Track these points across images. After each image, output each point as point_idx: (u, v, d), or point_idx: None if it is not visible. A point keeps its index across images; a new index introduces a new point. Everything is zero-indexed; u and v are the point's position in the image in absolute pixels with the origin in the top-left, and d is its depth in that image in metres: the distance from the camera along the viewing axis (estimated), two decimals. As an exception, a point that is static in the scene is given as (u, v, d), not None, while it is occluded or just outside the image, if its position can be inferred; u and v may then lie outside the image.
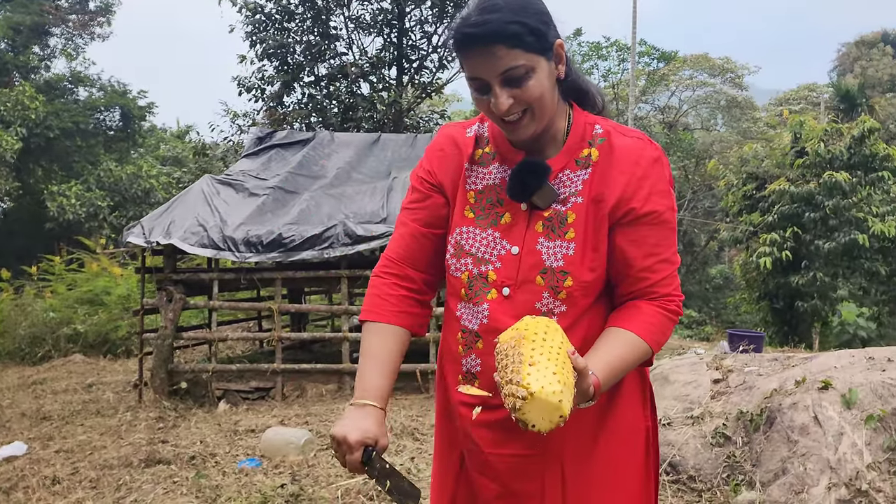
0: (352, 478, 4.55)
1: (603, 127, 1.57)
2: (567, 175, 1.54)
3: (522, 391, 1.23)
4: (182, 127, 30.72)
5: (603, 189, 1.50)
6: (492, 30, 1.37)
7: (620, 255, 1.51)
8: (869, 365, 4.07)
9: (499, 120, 1.48)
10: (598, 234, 1.50)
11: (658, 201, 1.50)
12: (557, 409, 1.24)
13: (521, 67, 1.40)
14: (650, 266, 1.51)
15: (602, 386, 1.38)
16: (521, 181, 1.52)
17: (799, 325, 13.67)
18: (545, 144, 1.56)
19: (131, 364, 10.19)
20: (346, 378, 7.61)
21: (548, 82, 1.45)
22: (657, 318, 1.51)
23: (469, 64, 1.44)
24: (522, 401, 1.23)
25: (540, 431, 1.26)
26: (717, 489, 3.84)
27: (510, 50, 1.38)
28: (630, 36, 19.61)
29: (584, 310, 1.53)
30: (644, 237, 1.50)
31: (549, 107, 1.48)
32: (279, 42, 14.87)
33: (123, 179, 20.80)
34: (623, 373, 1.47)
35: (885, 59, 36.15)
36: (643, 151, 1.51)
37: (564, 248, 1.50)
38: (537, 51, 1.42)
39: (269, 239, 7.33)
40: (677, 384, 4.84)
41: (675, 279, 1.55)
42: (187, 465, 5.05)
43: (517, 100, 1.42)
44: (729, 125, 29.70)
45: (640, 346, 1.47)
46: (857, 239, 12.29)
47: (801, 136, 13.99)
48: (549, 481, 1.55)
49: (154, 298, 7.92)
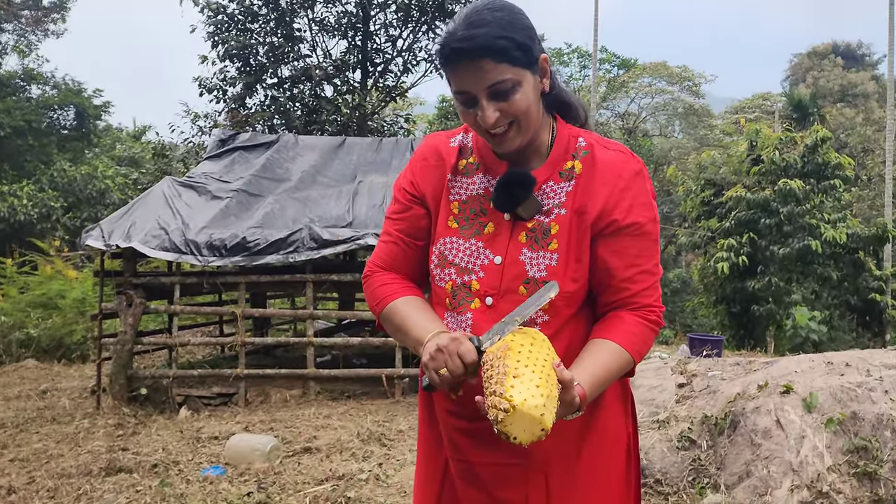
0: (319, 484, 4.53)
1: (586, 140, 1.59)
2: (550, 187, 1.56)
3: (505, 403, 1.24)
4: (139, 127, 30.16)
5: (586, 201, 1.53)
6: (480, 44, 1.39)
7: (602, 266, 1.54)
8: (828, 369, 4.18)
9: (485, 132, 1.50)
10: (581, 245, 1.53)
11: (640, 213, 1.53)
12: (539, 422, 1.24)
13: (508, 81, 1.42)
14: (631, 276, 1.53)
15: (588, 397, 1.40)
16: (507, 192, 1.53)
17: (754, 329, 13.98)
18: (529, 156, 1.58)
19: (87, 370, 9.97)
20: (310, 383, 7.54)
21: (533, 96, 1.48)
22: (639, 328, 1.53)
23: (456, 78, 1.45)
24: (504, 413, 1.24)
25: (521, 444, 1.27)
26: (683, 492, 3.91)
27: (497, 64, 1.40)
28: (591, 43, 19.84)
29: (566, 319, 1.55)
30: (626, 248, 1.53)
31: (534, 120, 1.50)
32: (242, 43, 14.68)
33: (78, 180, 20.30)
34: (607, 383, 1.49)
35: (836, 71, 37.20)
36: (625, 164, 1.55)
37: (547, 259, 1.52)
38: (524, 65, 1.44)
39: (233, 243, 7.24)
40: (643, 389, 4.91)
41: (657, 290, 1.58)
42: (150, 474, 4.95)
43: (504, 113, 1.44)
44: (686, 132, 30.28)
45: (624, 357, 1.50)
46: (810, 245, 12.63)
47: (757, 144, 14.35)
48: (533, 490, 1.56)
49: (112, 302, 7.75)
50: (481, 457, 1.57)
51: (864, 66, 40.42)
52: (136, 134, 29.66)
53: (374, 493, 4.25)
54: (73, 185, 20.25)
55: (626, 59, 28.18)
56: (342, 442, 5.55)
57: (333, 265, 10.12)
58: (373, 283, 1.68)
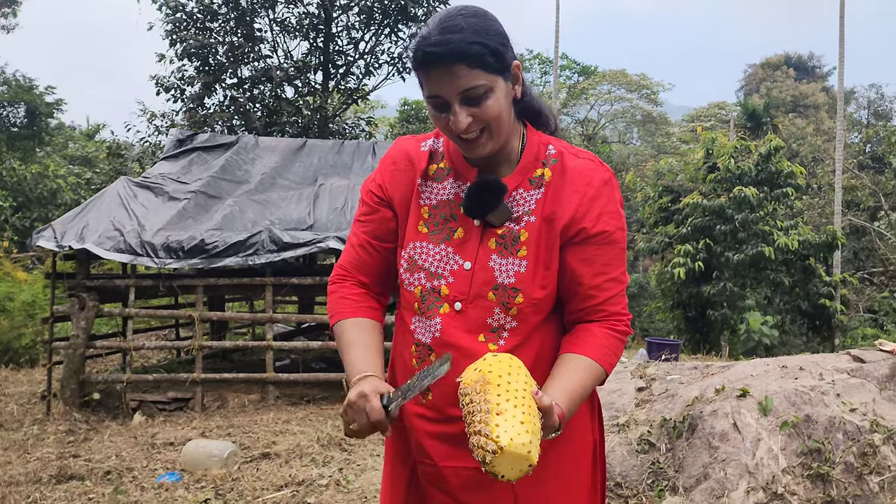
0: (278, 490, 4.46)
1: (556, 147, 1.60)
2: (521, 194, 1.57)
3: (492, 445, 1.24)
4: (93, 125, 29.49)
5: (555, 208, 1.54)
6: (453, 50, 1.39)
7: (571, 274, 1.54)
8: (783, 373, 4.27)
9: (456, 138, 1.50)
10: (550, 252, 1.53)
11: (608, 221, 1.54)
12: (527, 459, 1.25)
13: (480, 87, 1.42)
14: (599, 284, 1.54)
15: (566, 416, 1.41)
16: (478, 199, 1.54)
17: (710, 333, 14.24)
18: (500, 162, 1.58)
19: (36, 374, 9.69)
20: (269, 388, 7.44)
21: (505, 102, 1.48)
22: (609, 340, 1.54)
23: (429, 82, 1.45)
24: (493, 455, 1.24)
25: (510, 480, 1.28)
26: (643, 495, 3.95)
27: (471, 70, 1.40)
28: (552, 49, 20.05)
29: (535, 326, 1.56)
30: (594, 256, 1.54)
31: (505, 126, 1.50)
32: (200, 42, 14.46)
33: (28, 179, 19.74)
34: (583, 400, 1.50)
35: (788, 82, 38.24)
36: (594, 173, 1.56)
37: (516, 266, 1.52)
38: (496, 71, 1.44)
39: (191, 245, 7.11)
40: (603, 392, 4.96)
41: (623, 298, 1.59)
42: (102, 481, 4.83)
43: (476, 118, 1.44)
44: (644, 139, 30.80)
45: (597, 371, 1.51)
46: (763, 251, 12.92)
47: (713, 151, 14.65)
48: (499, 495, 1.56)
49: (64, 305, 7.55)
50: (449, 461, 1.57)
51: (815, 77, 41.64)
52: (89, 133, 29.01)
53: (335, 499, 4.21)
54: (22, 185, 19.68)
55: (586, 66, 28.55)
56: (302, 447, 5.48)
57: (293, 268, 10.02)
58: (334, 293, 1.69)
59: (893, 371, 3.98)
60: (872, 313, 18.13)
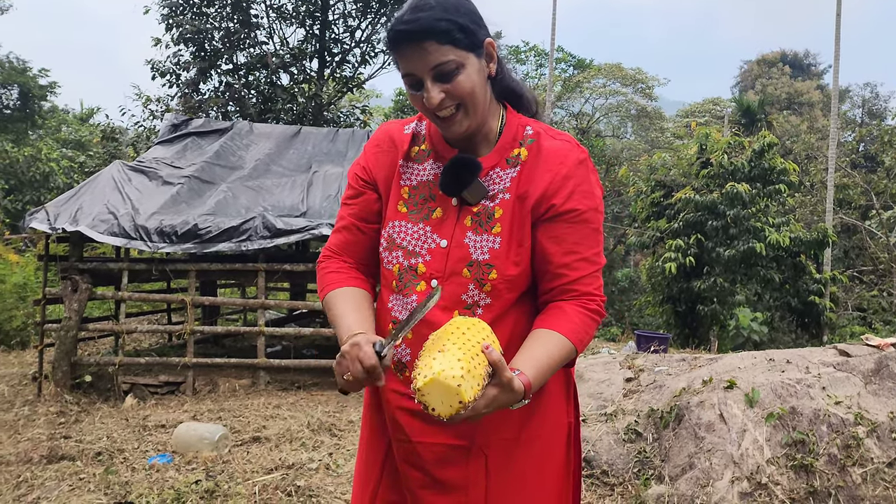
0: (268, 473, 4.50)
1: (534, 128, 1.64)
2: (497, 173, 1.60)
3: (426, 372, 1.27)
4: (87, 109, 29.31)
5: (528, 186, 1.57)
6: (422, 26, 1.43)
7: (541, 251, 1.57)
8: (770, 366, 4.33)
9: (433, 116, 1.53)
10: (523, 229, 1.56)
11: (580, 200, 1.56)
12: (456, 393, 1.26)
13: (451, 63, 1.46)
14: (569, 263, 1.56)
15: (533, 386, 1.42)
16: (453, 176, 1.57)
17: (699, 328, 14.31)
18: (478, 143, 1.62)
19: (27, 356, 9.69)
20: (260, 373, 7.47)
21: (478, 78, 1.51)
22: (580, 318, 1.55)
23: (402, 60, 1.49)
24: (423, 381, 1.27)
25: (441, 417, 1.29)
26: (629, 483, 4.01)
27: (440, 46, 1.44)
28: (548, 42, 20.05)
29: (509, 304, 1.58)
30: (564, 234, 1.56)
31: (480, 103, 1.53)
32: (197, 27, 14.39)
33: (20, 162, 19.62)
34: (551, 372, 1.51)
35: (784, 79, 38.32)
36: (569, 153, 1.59)
37: (490, 242, 1.56)
38: (467, 47, 1.48)
39: (184, 229, 7.11)
40: (591, 382, 5.01)
41: (597, 279, 1.60)
42: (93, 462, 4.85)
43: (448, 94, 1.48)
44: (638, 134, 30.79)
45: (566, 346, 1.52)
46: (754, 247, 12.96)
47: (707, 147, 14.68)
48: (473, 471, 1.59)
49: (57, 288, 7.55)
50: (423, 437, 1.60)
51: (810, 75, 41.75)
52: (83, 116, 28.84)
53: (324, 482, 4.25)
54: (14, 167, 19.57)
55: (581, 60, 28.49)
56: (292, 432, 5.52)
57: (286, 255, 10.03)
58: (323, 269, 1.72)
59: (879, 365, 4.03)
60: (861, 311, 18.25)
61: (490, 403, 1.33)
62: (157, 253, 8.04)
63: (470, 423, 1.46)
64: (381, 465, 1.72)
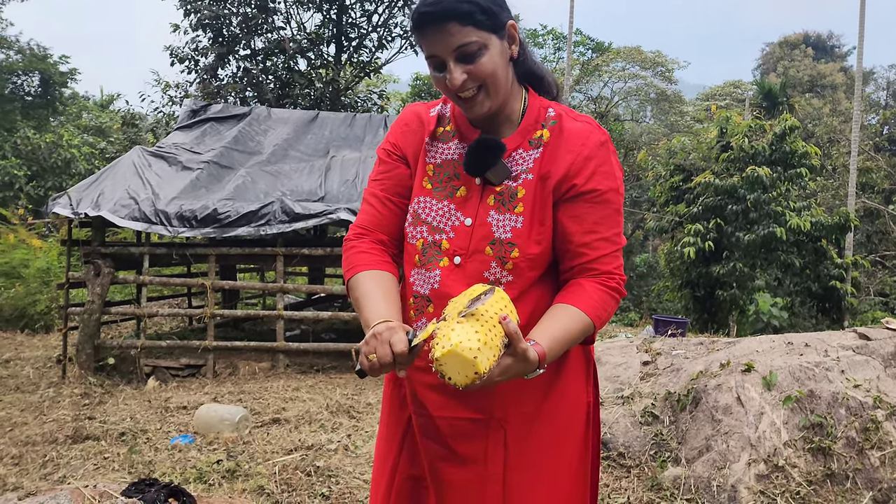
0: (288, 454, 4.56)
1: (555, 110, 1.66)
2: (520, 154, 1.63)
3: (444, 343, 1.30)
4: (107, 96, 29.52)
5: (550, 167, 1.59)
6: (445, 8, 1.46)
7: (561, 230, 1.59)
8: (788, 349, 4.31)
9: (455, 97, 1.56)
10: (545, 209, 1.59)
11: (600, 181, 1.58)
12: (472, 364, 1.29)
13: (473, 44, 1.48)
14: (589, 242, 1.58)
15: (547, 356, 1.44)
16: (477, 157, 1.60)
17: (718, 313, 14.22)
18: (501, 124, 1.64)
19: (51, 339, 9.85)
20: (279, 356, 7.55)
21: (500, 59, 1.54)
22: (598, 294, 1.58)
23: (426, 42, 1.52)
24: (441, 352, 1.29)
25: (457, 385, 1.31)
26: (645, 465, 4.02)
27: (463, 27, 1.47)
28: (566, 25, 19.86)
29: (531, 282, 1.61)
30: (584, 214, 1.58)
31: (502, 84, 1.56)
32: (215, 13, 14.44)
33: (42, 148, 19.81)
34: (567, 345, 1.53)
35: (806, 61, 37.74)
36: (591, 134, 1.61)
37: (513, 221, 1.58)
38: (489, 29, 1.50)
39: (204, 214, 7.18)
40: (609, 366, 5.02)
41: (617, 259, 1.62)
42: (117, 442, 4.95)
43: (471, 75, 1.50)
44: (657, 118, 30.50)
45: (583, 320, 1.54)
46: (775, 232, 12.83)
47: (727, 131, 14.52)
48: (491, 445, 1.62)
49: (79, 272, 7.66)
50: (444, 411, 1.62)
51: (833, 57, 41.09)
52: (103, 103, 29.05)
53: (343, 463, 4.30)
54: (37, 154, 19.78)
55: (600, 43, 28.25)
56: (311, 414, 5.58)
57: (304, 239, 10.09)
58: (352, 247, 1.72)
59: (898, 349, 4.00)
60: (883, 297, 18.05)
61: (504, 372, 1.36)
62: (177, 237, 8.13)
63: (485, 392, 1.50)
64: (402, 439, 1.74)
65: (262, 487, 3.84)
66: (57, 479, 4.20)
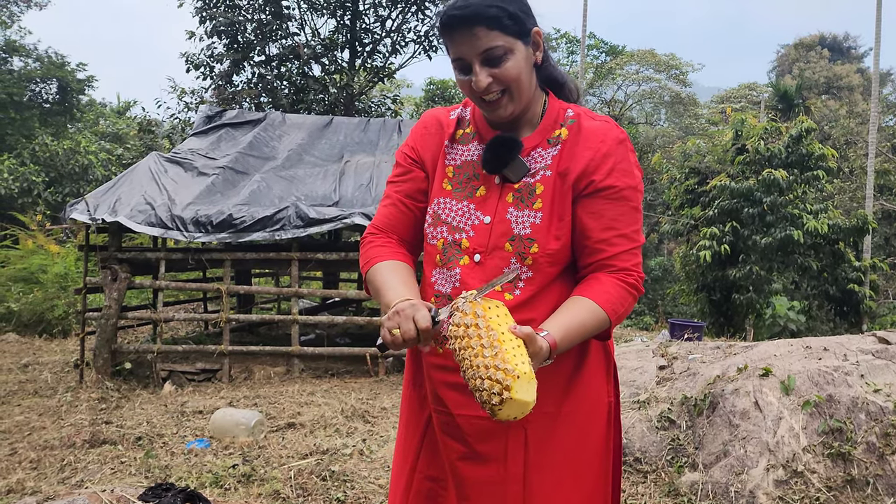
0: (303, 458, 4.57)
1: (574, 111, 1.68)
2: (539, 152, 1.64)
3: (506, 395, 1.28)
4: (123, 102, 29.79)
5: (569, 163, 1.60)
6: (473, 12, 1.49)
7: (580, 226, 1.60)
8: (806, 354, 4.26)
9: (479, 100, 1.58)
10: (564, 204, 1.60)
11: (618, 178, 1.59)
12: (529, 406, 1.33)
13: (499, 48, 1.51)
14: (607, 239, 1.59)
15: (559, 346, 1.44)
16: (494, 154, 1.62)
17: (734, 317, 14.11)
18: (521, 126, 1.67)
19: (68, 344, 9.93)
20: (294, 361, 7.57)
21: (525, 65, 1.56)
22: (615, 289, 1.58)
23: (453, 45, 1.55)
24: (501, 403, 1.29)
25: (514, 418, 1.34)
26: (662, 471, 3.99)
27: (490, 31, 1.50)
28: (580, 28, 19.82)
29: (550, 278, 1.61)
30: (602, 210, 1.59)
31: (526, 89, 1.58)
32: (230, 19, 14.54)
33: (60, 154, 20.00)
34: (581, 337, 1.53)
35: (822, 63, 37.44)
36: (609, 132, 1.62)
37: (532, 217, 1.59)
38: (515, 34, 1.53)
39: (219, 219, 7.23)
40: (625, 370, 4.99)
41: (636, 256, 1.62)
42: (134, 446, 4.97)
43: (496, 79, 1.53)
44: (671, 120, 30.39)
45: (598, 313, 1.53)
46: (791, 235, 12.73)
47: (742, 133, 14.42)
48: (512, 444, 1.62)
49: (97, 277, 7.73)
50: (464, 410, 1.62)
51: (849, 58, 40.76)
52: (120, 109, 29.31)
53: (358, 467, 4.30)
54: (55, 160, 19.97)
55: (613, 46, 28.19)
56: (326, 418, 5.59)
57: (318, 244, 10.13)
58: (368, 243, 1.76)
59: (919, 353, 3.95)
60: (902, 300, 17.84)
61: None
62: (192, 242, 8.18)
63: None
64: (421, 439, 1.75)
65: (278, 492, 3.85)
66: (75, 483, 4.22)
